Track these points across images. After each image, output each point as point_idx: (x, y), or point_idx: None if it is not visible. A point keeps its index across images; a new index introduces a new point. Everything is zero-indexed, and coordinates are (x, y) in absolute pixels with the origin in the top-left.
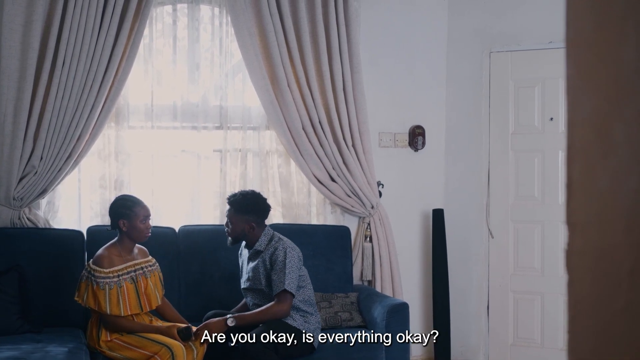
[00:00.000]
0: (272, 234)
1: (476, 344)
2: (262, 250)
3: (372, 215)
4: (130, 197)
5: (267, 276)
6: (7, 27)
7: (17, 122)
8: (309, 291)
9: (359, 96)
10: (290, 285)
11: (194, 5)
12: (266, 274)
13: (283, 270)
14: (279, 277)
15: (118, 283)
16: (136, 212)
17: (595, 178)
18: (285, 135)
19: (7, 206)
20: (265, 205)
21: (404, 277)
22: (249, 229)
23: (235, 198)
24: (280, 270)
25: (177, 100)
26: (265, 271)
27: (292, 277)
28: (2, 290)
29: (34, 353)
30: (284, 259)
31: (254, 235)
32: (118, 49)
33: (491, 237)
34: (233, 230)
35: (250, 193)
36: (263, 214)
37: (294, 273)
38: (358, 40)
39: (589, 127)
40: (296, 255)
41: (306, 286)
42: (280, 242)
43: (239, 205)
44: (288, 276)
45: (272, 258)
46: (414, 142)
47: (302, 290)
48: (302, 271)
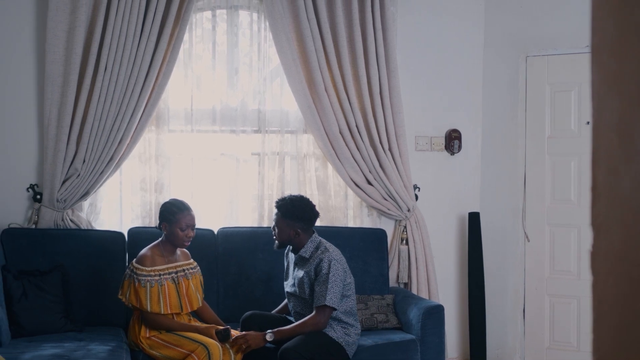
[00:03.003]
0: (319, 242)
1: (512, 347)
2: (307, 258)
3: (408, 218)
4: (178, 203)
5: (311, 286)
6: (51, 33)
7: (61, 126)
8: (352, 302)
9: (396, 100)
10: (331, 300)
11: (233, 11)
12: (310, 284)
13: (326, 283)
14: (321, 290)
15: (159, 282)
16: (178, 219)
17: (619, 182)
18: (322, 139)
19: (50, 208)
20: (312, 213)
21: (439, 280)
22: (294, 235)
23: (283, 203)
24: (323, 283)
25: (217, 105)
26: (309, 281)
27: (334, 291)
28: (46, 290)
29: (77, 351)
30: (327, 271)
31: (299, 240)
32: (159, 54)
33: (527, 240)
34: (279, 235)
35: (299, 199)
36: (310, 221)
37: (337, 287)
38: (395, 44)
39: (613, 132)
40: (341, 268)
41: (350, 296)
42: (326, 254)
43: (286, 211)
44: (330, 290)
45: (317, 269)
46: (450, 146)
47: (345, 300)
48: (347, 280)
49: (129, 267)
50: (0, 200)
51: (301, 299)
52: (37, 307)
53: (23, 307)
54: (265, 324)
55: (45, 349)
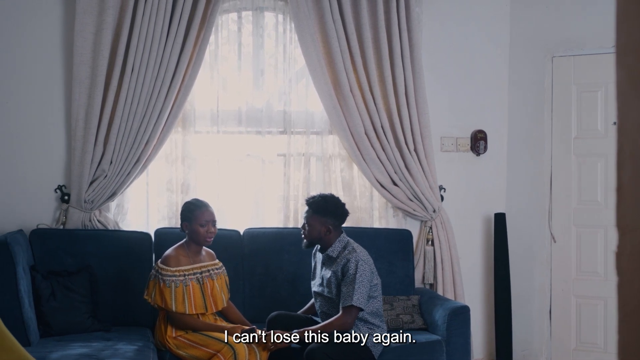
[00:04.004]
0: (347, 242)
1: (538, 348)
2: (335, 257)
3: (434, 219)
4: (195, 201)
5: (338, 286)
6: (78, 35)
7: (88, 127)
8: (378, 303)
9: (421, 101)
10: (358, 301)
11: (259, 13)
12: (337, 284)
13: (353, 284)
14: (348, 291)
15: (184, 282)
16: (196, 216)
17: None
18: (347, 140)
19: (78, 208)
20: (343, 210)
21: (465, 281)
22: (325, 232)
23: (314, 200)
24: (350, 284)
25: (242, 106)
26: (336, 281)
27: (361, 291)
28: (74, 290)
29: (104, 350)
30: (354, 272)
31: (329, 239)
32: (185, 56)
33: (553, 241)
34: (309, 233)
35: (330, 196)
36: (341, 218)
37: (364, 287)
38: (420, 45)
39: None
40: (368, 269)
41: (377, 297)
42: (353, 254)
43: (318, 207)
44: (357, 291)
45: (344, 269)
46: (475, 147)
47: (372, 301)
48: (374, 281)
49: (154, 267)
50: (29, 201)
51: (328, 298)
52: (65, 307)
53: (51, 307)
54: (291, 324)
55: (73, 348)
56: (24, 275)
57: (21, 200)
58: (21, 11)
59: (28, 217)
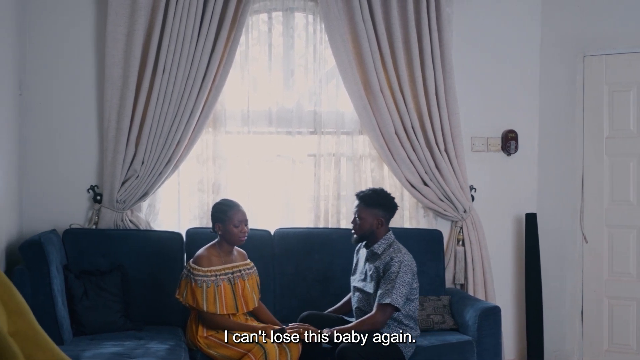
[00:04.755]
0: (393, 241)
1: (570, 349)
2: (379, 254)
3: (464, 219)
4: (226, 202)
5: (377, 283)
6: (110, 36)
7: (120, 128)
8: (415, 306)
9: (452, 101)
10: (396, 300)
11: (289, 13)
12: (377, 280)
13: (393, 282)
14: (387, 288)
15: (215, 282)
16: (230, 217)
17: None
18: (378, 140)
19: (110, 208)
20: (393, 202)
21: (496, 281)
22: (377, 224)
23: (364, 193)
24: (390, 282)
25: (273, 106)
26: (377, 277)
27: (400, 291)
28: (106, 290)
29: (136, 349)
30: (397, 271)
31: (379, 233)
32: (215, 57)
33: (585, 242)
34: (361, 226)
35: (380, 189)
36: (391, 210)
37: (404, 288)
38: (450, 45)
39: None
40: (410, 271)
41: (413, 300)
42: (398, 254)
43: (369, 199)
44: (396, 290)
45: (386, 267)
46: (506, 147)
47: (409, 303)
48: (414, 284)
49: (185, 267)
50: (62, 201)
51: (367, 294)
52: (98, 306)
53: (84, 306)
54: (322, 323)
55: (106, 347)
56: (57, 275)
57: (54, 200)
58: (54, 13)
59: (61, 217)
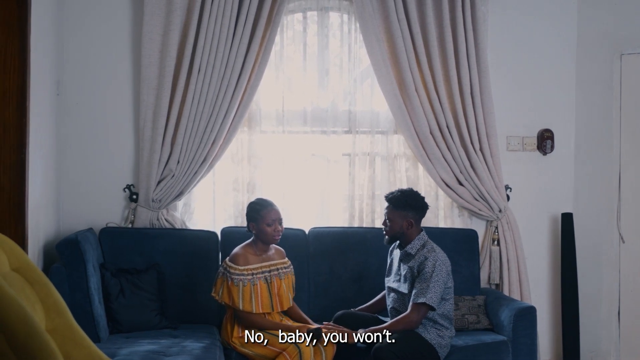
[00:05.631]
0: (426, 241)
1: (607, 350)
2: (412, 254)
3: (499, 218)
4: (260, 201)
5: (412, 283)
6: (146, 37)
7: (156, 128)
8: (450, 305)
9: (487, 100)
10: (431, 299)
11: (324, 13)
12: (412, 280)
13: (428, 282)
14: (422, 288)
15: (252, 281)
16: (263, 216)
17: None
18: (413, 139)
19: (146, 208)
20: (423, 203)
21: (532, 281)
22: (407, 226)
23: (393, 195)
24: (425, 281)
25: (307, 106)
26: (411, 278)
27: (435, 290)
28: (142, 288)
29: (172, 347)
30: (431, 270)
31: (410, 234)
32: (250, 57)
33: (622, 241)
34: (391, 228)
35: (409, 190)
36: (421, 211)
37: (439, 287)
38: (485, 44)
39: None
40: (445, 270)
41: (449, 300)
42: (432, 253)
43: (398, 202)
44: (431, 289)
45: (420, 267)
46: (542, 146)
47: (444, 303)
48: (449, 284)
49: (222, 265)
50: (99, 200)
51: (402, 294)
52: (134, 304)
53: (120, 304)
54: (356, 323)
55: (141, 345)
56: (93, 273)
57: (91, 200)
58: (91, 15)
59: (98, 216)
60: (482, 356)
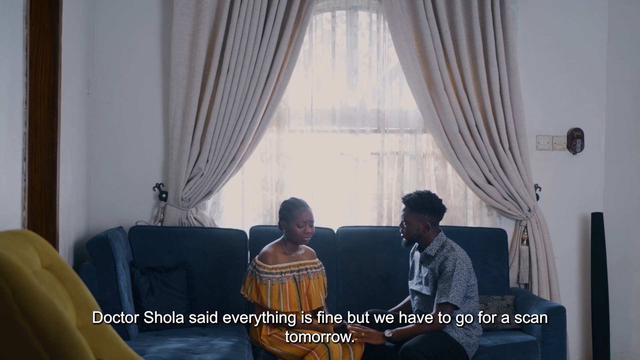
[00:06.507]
0: (445, 241)
1: (637, 351)
2: (432, 256)
3: (529, 218)
4: (294, 201)
5: (435, 284)
6: (176, 37)
7: (185, 127)
8: (474, 303)
9: (516, 99)
10: (454, 298)
11: (352, 12)
12: (434, 282)
13: (449, 281)
14: (444, 287)
15: (280, 280)
16: (294, 216)
17: None
18: (441, 139)
19: (175, 206)
20: (440, 206)
21: (561, 281)
22: (423, 229)
23: (410, 197)
24: (446, 281)
25: (336, 105)
26: (433, 279)
27: (457, 289)
28: (171, 286)
29: (201, 345)
30: (452, 269)
31: (427, 236)
32: (279, 56)
33: None
34: (408, 230)
35: (426, 193)
36: (438, 214)
37: (461, 286)
38: (515, 43)
39: None
40: (466, 268)
41: (473, 297)
42: (452, 253)
43: (415, 204)
44: (454, 288)
45: (441, 267)
46: (572, 145)
47: (468, 301)
48: (471, 281)
49: (251, 263)
50: (128, 199)
51: (425, 296)
52: (163, 302)
53: (150, 302)
54: (385, 322)
55: (170, 343)
56: (123, 271)
57: (121, 198)
58: (121, 14)
59: (127, 215)
60: (511, 356)
